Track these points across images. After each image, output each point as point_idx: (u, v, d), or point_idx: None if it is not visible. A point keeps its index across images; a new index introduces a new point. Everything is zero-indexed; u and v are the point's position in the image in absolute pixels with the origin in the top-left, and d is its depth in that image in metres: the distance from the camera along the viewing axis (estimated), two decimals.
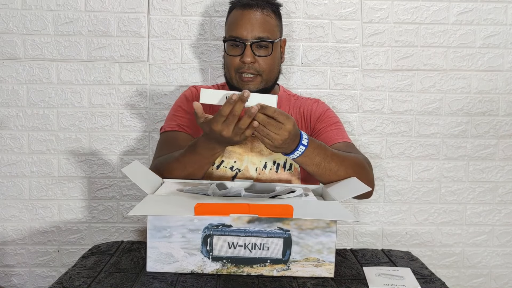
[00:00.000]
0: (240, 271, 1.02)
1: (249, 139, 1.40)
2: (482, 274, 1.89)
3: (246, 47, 1.35)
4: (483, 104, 1.82)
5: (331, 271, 1.03)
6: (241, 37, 1.36)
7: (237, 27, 1.37)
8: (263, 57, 1.37)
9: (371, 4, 1.76)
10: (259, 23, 1.37)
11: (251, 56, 1.35)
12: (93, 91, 1.74)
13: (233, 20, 1.40)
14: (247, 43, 1.35)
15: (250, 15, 1.37)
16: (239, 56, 1.36)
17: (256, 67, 1.37)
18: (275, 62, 1.41)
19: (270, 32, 1.38)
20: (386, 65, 1.79)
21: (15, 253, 1.79)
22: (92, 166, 1.77)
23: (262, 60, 1.37)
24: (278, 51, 1.43)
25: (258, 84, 1.39)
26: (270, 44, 1.37)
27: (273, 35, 1.39)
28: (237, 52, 1.37)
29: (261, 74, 1.38)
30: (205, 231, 1.00)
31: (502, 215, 1.87)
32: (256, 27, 1.36)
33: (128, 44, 1.73)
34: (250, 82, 1.38)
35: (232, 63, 1.38)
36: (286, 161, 1.41)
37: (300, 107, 1.49)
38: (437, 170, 1.84)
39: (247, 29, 1.36)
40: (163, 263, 1.02)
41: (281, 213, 0.99)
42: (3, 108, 1.73)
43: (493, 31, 1.79)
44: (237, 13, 1.39)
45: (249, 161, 1.39)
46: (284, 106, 1.49)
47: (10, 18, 1.70)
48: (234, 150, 1.39)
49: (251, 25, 1.36)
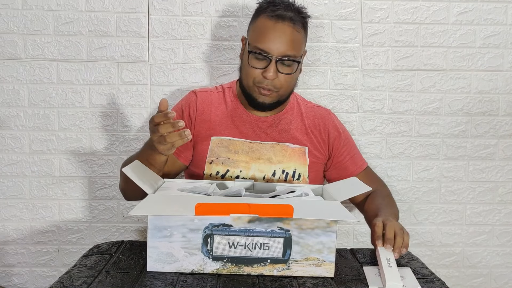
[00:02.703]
0: (241, 270, 1.02)
1: (258, 147, 1.40)
2: (482, 274, 1.89)
3: (271, 63, 1.29)
4: (483, 104, 1.82)
5: (331, 270, 1.03)
6: (268, 52, 1.29)
7: (266, 40, 1.29)
8: (285, 74, 1.32)
9: (371, 4, 1.76)
10: (288, 40, 1.29)
11: (274, 72, 1.30)
12: (94, 91, 1.75)
13: (261, 30, 1.31)
14: (273, 59, 1.29)
15: (281, 30, 1.29)
16: (261, 69, 1.31)
17: (276, 83, 1.32)
18: (294, 79, 1.37)
19: (297, 50, 1.32)
20: (386, 65, 1.79)
21: (16, 252, 1.79)
22: (92, 166, 1.77)
23: (283, 77, 1.32)
24: (300, 67, 1.38)
25: (273, 99, 1.36)
26: (296, 63, 1.32)
27: (299, 52, 1.33)
28: (260, 64, 1.31)
29: (278, 90, 1.34)
30: (206, 230, 1.01)
31: (502, 215, 1.88)
32: (285, 44, 1.29)
33: (129, 44, 1.73)
34: (266, 96, 1.34)
35: (252, 74, 1.32)
36: (295, 170, 1.40)
37: (315, 119, 1.48)
38: (437, 170, 1.84)
39: (276, 45, 1.28)
40: (163, 263, 1.02)
41: (282, 213, 0.99)
42: (4, 108, 1.74)
43: (493, 31, 1.79)
44: (267, 23, 1.31)
45: (257, 169, 1.38)
46: (296, 116, 1.47)
47: (10, 18, 1.70)
48: (239, 159, 1.38)
49: (280, 41, 1.29)
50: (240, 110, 1.43)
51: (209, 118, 1.42)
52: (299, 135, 1.44)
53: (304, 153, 1.42)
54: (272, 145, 1.41)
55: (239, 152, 1.38)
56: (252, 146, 1.40)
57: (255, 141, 1.40)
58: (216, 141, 1.39)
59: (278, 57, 1.29)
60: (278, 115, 1.44)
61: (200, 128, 1.41)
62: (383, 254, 1.06)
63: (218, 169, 1.38)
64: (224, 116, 1.43)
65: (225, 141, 1.39)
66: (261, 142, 1.41)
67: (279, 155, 1.40)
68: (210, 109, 1.44)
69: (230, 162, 1.38)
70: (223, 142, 1.39)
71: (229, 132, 1.41)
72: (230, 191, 1.15)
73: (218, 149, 1.39)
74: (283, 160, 1.40)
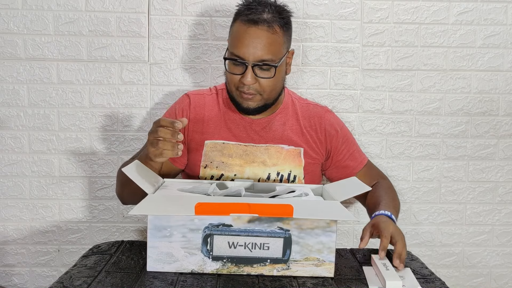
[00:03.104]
0: (240, 270, 1.02)
1: (252, 150, 1.39)
2: (482, 274, 1.89)
3: (247, 69, 1.27)
4: (483, 104, 1.82)
5: (331, 270, 1.03)
6: (243, 57, 1.27)
7: (239, 46, 1.27)
8: (264, 78, 1.30)
9: (371, 4, 1.76)
10: (263, 44, 1.26)
11: (252, 78, 1.28)
12: (94, 91, 1.75)
13: (236, 36, 1.30)
14: (249, 65, 1.27)
15: (255, 34, 1.26)
16: (239, 75, 1.29)
17: (256, 87, 1.30)
18: (278, 82, 1.34)
19: (275, 53, 1.28)
20: (386, 65, 1.79)
21: (16, 252, 1.79)
22: (92, 166, 1.77)
23: (263, 81, 1.30)
24: (283, 69, 1.35)
25: (258, 102, 1.34)
26: (273, 68, 1.29)
27: (277, 55, 1.29)
28: (238, 70, 1.30)
29: (262, 94, 1.32)
30: (206, 230, 1.01)
31: (502, 215, 1.88)
32: (259, 49, 1.26)
33: (129, 44, 1.73)
34: (249, 100, 1.32)
35: (232, 79, 1.32)
36: (290, 173, 1.39)
37: (311, 118, 1.46)
38: (437, 170, 1.84)
39: (250, 50, 1.26)
40: (163, 263, 1.02)
41: (281, 213, 0.99)
42: (4, 108, 1.74)
43: (493, 31, 1.79)
44: (241, 28, 1.29)
45: (251, 172, 1.37)
46: (291, 116, 1.44)
47: (10, 18, 1.70)
48: (233, 162, 1.37)
49: (254, 46, 1.26)
50: (232, 112, 1.41)
51: (202, 121, 1.41)
52: (294, 136, 1.42)
53: (299, 154, 1.41)
54: (266, 147, 1.39)
55: (233, 155, 1.37)
56: (246, 149, 1.38)
57: (249, 144, 1.39)
58: (210, 145, 1.39)
59: (254, 63, 1.27)
60: (271, 117, 1.42)
61: (193, 132, 1.41)
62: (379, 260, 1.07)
63: (213, 173, 1.38)
64: (217, 119, 1.41)
65: (219, 144, 1.39)
66: (255, 145, 1.39)
67: (274, 157, 1.39)
68: (203, 112, 1.42)
69: (224, 166, 1.37)
70: (217, 146, 1.38)
71: (222, 135, 1.40)
72: (230, 191, 1.15)
73: (212, 153, 1.38)
74: (277, 162, 1.39)
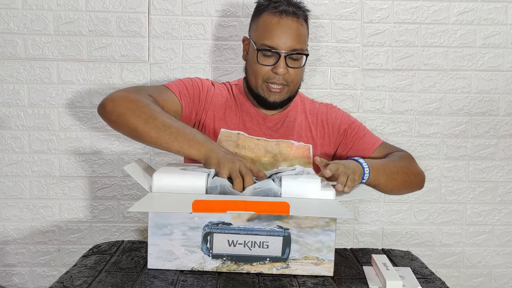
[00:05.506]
0: (240, 268, 1.02)
1: (263, 144, 1.41)
2: (482, 273, 1.89)
3: (281, 59, 1.31)
4: (483, 104, 1.82)
5: (330, 269, 1.03)
6: (277, 48, 1.30)
7: (273, 37, 1.31)
8: (295, 68, 1.34)
9: (371, 4, 1.76)
10: (295, 34, 1.32)
11: (285, 68, 1.31)
12: (94, 91, 1.75)
13: (267, 27, 1.33)
14: (282, 54, 1.31)
15: (287, 25, 1.31)
16: (271, 66, 1.32)
17: (287, 77, 1.34)
18: (302, 73, 1.39)
19: (304, 43, 1.35)
20: (386, 65, 1.79)
21: (16, 252, 1.79)
22: (93, 166, 1.78)
23: (293, 71, 1.34)
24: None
25: (284, 95, 1.37)
26: (303, 56, 1.34)
27: (305, 45, 1.36)
28: (269, 61, 1.33)
29: (289, 85, 1.35)
30: (205, 229, 1.01)
31: (502, 215, 1.88)
32: (291, 38, 1.31)
33: (129, 44, 1.73)
34: (277, 94, 1.35)
35: (261, 71, 1.34)
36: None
37: (318, 115, 1.48)
38: (437, 170, 1.84)
39: (283, 40, 1.30)
40: (163, 260, 1.02)
41: (278, 210, 0.99)
42: (4, 107, 1.74)
43: (493, 31, 1.80)
44: (271, 20, 1.33)
45: (261, 166, 1.39)
46: (300, 113, 1.47)
47: (11, 18, 1.71)
48: (245, 154, 1.39)
49: (286, 36, 1.31)
50: (247, 106, 1.44)
51: (223, 108, 1.42)
52: (303, 133, 1.45)
53: (308, 150, 1.43)
54: (277, 142, 1.42)
55: (246, 147, 1.39)
56: (258, 143, 1.41)
57: (261, 138, 1.41)
58: (226, 134, 1.40)
59: (287, 52, 1.31)
60: (283, 113, 1.45)
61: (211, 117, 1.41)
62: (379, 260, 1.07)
63: None
64: (235, 109, 1.44)
65: (234, 135, 1.40)
66: (266, 140, 1.41)
67: (284, 152, 1.41)
68: (223, 100, 1.44)
69: None
70: (232, 136, 1.40)
71: (238, 126, 1.42)
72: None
73: (226, 142, 1.39)
74: (288, 157, 1.41)
